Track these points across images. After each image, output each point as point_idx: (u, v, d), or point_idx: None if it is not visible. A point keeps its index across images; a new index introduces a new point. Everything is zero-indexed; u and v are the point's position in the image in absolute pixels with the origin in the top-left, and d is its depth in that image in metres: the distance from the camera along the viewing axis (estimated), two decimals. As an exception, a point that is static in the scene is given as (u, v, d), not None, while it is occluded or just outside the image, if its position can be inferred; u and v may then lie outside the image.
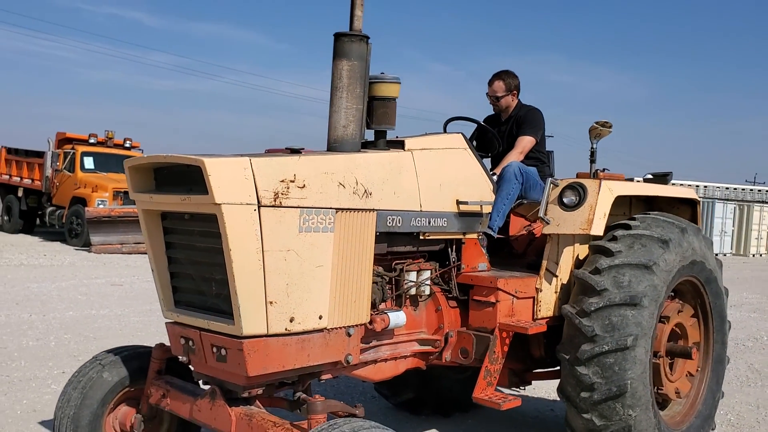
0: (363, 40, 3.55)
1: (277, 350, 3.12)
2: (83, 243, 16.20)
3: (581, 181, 4.24)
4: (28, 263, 13.32)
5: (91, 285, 10.98)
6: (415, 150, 3.81)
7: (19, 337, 7.18)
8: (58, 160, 17.98)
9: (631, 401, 3.96)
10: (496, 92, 4.94)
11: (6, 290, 9.98)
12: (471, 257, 4.20)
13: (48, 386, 5.56)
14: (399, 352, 3.93)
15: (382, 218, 3.55)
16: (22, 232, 19.68)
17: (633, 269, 4.07)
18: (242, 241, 2.96)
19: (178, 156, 3.10)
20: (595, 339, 3.95)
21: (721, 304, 4.85)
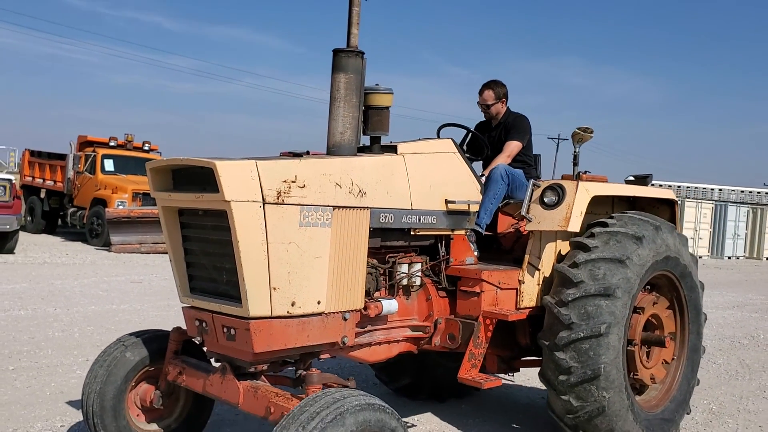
0: (359, 56, 3.96)
1: (279, 330, 3.53)
2: (103, 243, 16.69)
3: (560, 183, 4.63)
4: (51, 261, 13.85)
5: (112, 282, 11.47)
6: (406, 154, 4.21)
7: (45, 329, 7.64)
8: (79, 162, 18.48)
9: (604, 384, 4.33)
10: (487, 101, 5.34)
11: (31, 286, 10.48)
12: (459, 251, 4.60)
13: (73, 372, 6.00)
14: (392, 336, 4.33)
15: (375, 215, 3.96)
16: (44, 233, 20.21)
17: (608, 263, 4.45)
18: (249, 234, 3.38)
19: (193, 159, 3.52)
20: (572, 326, 4.33)
21: (696, 297, 5.20)
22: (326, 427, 2.94)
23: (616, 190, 4.98)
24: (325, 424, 2.95)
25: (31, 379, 5.74)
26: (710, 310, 13.16)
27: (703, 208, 32.20)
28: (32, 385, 5.60)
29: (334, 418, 2.98)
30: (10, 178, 14.71)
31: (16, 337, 7.17)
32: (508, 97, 5.39)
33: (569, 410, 4.43)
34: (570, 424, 4.49)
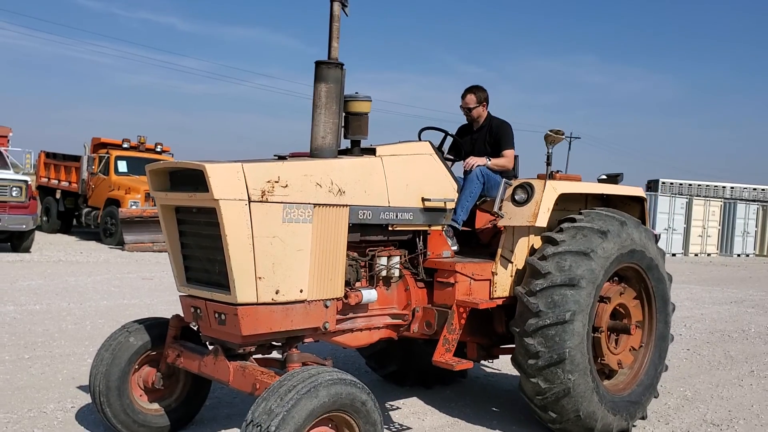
0: (338, 67, 4.34)
1: (265, 316, 3.92)
2: (117, 242, 17.18)
3: (530, 181, 4.99)
4: (66, 260, 14.34)
5: (124, 279, 11.93)
6: (384, 156, 4.59)
7: (59, 322, 8.08)
8: (93, 163, 18.97)
9: (570, 367, 4.69)
10: (469, 104, 5.70)
11: (47, 283, 10.95)
12: (436, 245, 4.97)
13: (84, 360, 6.42)
14: (373, 323, 4.71)
15: (354, 212, 4.34)
16: (59, 232, 20.75)
17: (573, 256, 4.80)
18: (236, 229, 3.76)
19: (186, 162, 3.92)
20: (540, 314, 4.69)
21: (663, 288, 5.54)
22: (301, 398, 3.33)
23: (582, 188, 5.32)
24: (300, 395, 3.34)
25: (45, 367, 6.16)
26: (707, 305, 13.46)
27: (712, 206, 32.30)
28: (46, 371, 6.02)
29: (309, 391, 3.37)
30: (26, 179, 15.21)
31: (31, 329, 7.61)
32: (488, 102, 5.75)
33: (538, 392, 4.79)
34: (539, 404, 4.85)
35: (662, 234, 29.04)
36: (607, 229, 4.95)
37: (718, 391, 6.73)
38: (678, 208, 30.34)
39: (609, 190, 5.54)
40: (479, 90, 5.73)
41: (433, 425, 5.22)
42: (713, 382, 7.09)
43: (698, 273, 21.77)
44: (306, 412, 3.34)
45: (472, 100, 5.70)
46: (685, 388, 6.75)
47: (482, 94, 5.71)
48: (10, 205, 14.25)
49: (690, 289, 16.40)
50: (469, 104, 5.70)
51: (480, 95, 5.71)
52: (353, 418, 3.57)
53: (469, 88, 5.77)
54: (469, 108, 5.71)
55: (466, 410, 5.62)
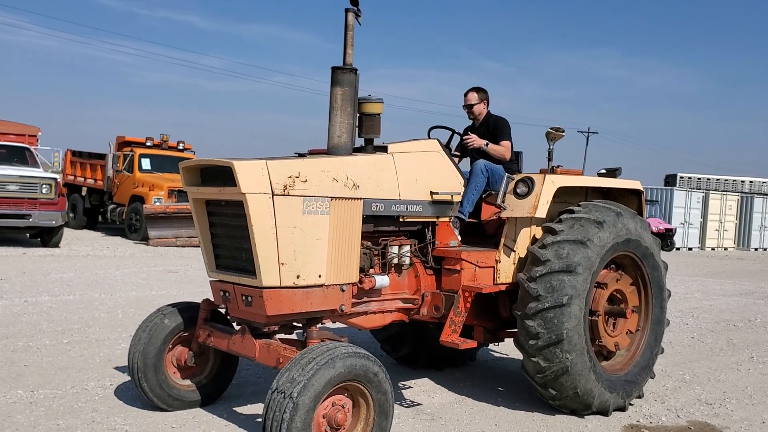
0: (353, 72, 4.76)
1: (287, 298, 4.35)
2: (142, 237, 17.73)
3: (530, 176, 5.38)
4: (93, 254, 14.90)
5: (150, 272, 12.44)
6: (395, 153, 5.00)
7: (92, 311, 8.58)
8: (118, 161, 19.51)
9: (567, 347, 5.07)
10: (470, 101, 6.11)
11: (77, 275, 11.49)
12: (444, 235, 5.37)
13: (119, 345, 6.90)
14: (385, 307, 5.12)
15: (367, 204, 4.75)
16: (86, 228, 21.34)
17: (571, 244, 5.19)
18: (261, 220, 4.19)
19: (216, 160, 4.36)
20: (539, 298, 5.08)
21: (658, 275, 5.90)
22: (320, 368, 3.76)
23: (580, 182, 5.69)
24: (319, 366, 3.77)
25: (83, 350, 6.65)
26: (716, 297, 13.74)
27: (728, 200, 32.39)
28: (84, 354, 6.51)
29: (327, 362, 3.80)
30: (55, 177, 15.79)
31: (67, 317, 8.11)
32: (489, 101, 6.16)
33: (538, 370, 5.18)
34: (540, 382, 5.24)
35: (678, 228, 29.20)
36: (603, 220, 5.32)
37: (715, 375, 7.08)
38: (694, 203, 30.49)
39: (605, 183, 5.91)
40: (480, 90, 6.15)
41: (442, 402, 5.63)
42: (712, 367, 7.43)
43: (712, 266, 21.98)
44: (324, 381, 3.76)
45: (474, 98, 6.11)
46: (684, 372, 7.11)
47: (482, 94, 6.12)
48: (40, 201, 14.82)
49: (702, 282, 16.67)
50: (470, 101, 6.11)
51: (480, 94, 6.12)
52: (366, 388, 3.99)
53: (471, 88, 6.19)
54: (471, 105, 6.12)
55: (473, 389, 6.02)
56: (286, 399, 3.69)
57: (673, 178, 46.05)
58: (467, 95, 6.13)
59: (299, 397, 3.68)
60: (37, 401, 5.07)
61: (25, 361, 6.11)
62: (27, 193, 14.71)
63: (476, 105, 6.12)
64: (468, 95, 6.12)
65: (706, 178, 48.67)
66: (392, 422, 4.16)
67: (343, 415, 3.95)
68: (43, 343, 6.82)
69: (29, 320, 7.79)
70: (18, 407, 4.92)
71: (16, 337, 6.98)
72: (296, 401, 3.67)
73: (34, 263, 12.75)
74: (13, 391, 5.26)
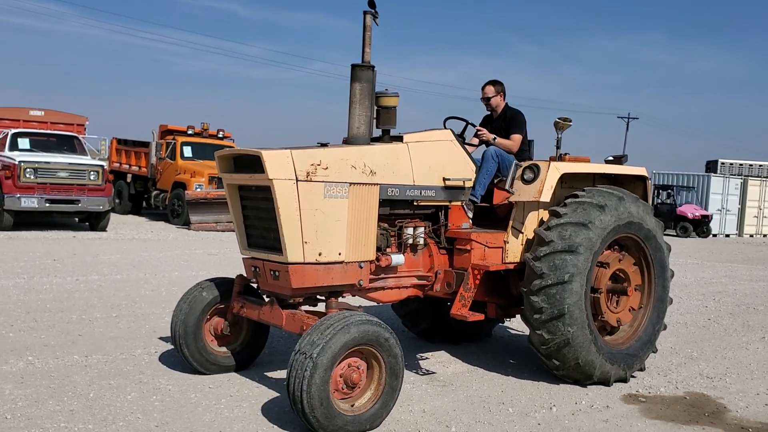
0: (371, 69, 5.23)
1: (310, 273, 4.87)
2: (183, 222, 18.47)
3: (536, 163, 5.81)
4: (138, 238, 15.68)
5: (192, 254, 13.13)
6: (410, 142, 5.47)
7: (138, 289, 9.25)
8: (161, 149, 20.25)
9: (569, 321, 5.51)
10: (487, 94, 6.54)
11: (124, 257, 12.22)
12: (456, 218, 5.83)
13: (162, 319, 7.51)
14: (401, 283, 5.61)
15: (384, 190, 5.23)
16: (131, 213, 22.24)
17: (573, 226, 5.60)
18: (286, 203, 4.71)
19: (247, 149, 4.89)
20: (543, 276, 5.52)
21: (661, 256, 6.28)
22: (337, 333, 4.27)
23: (583, 168, 6.08)
24: (336, 330, 4.28)
25: (131, 323, 7.29)
26: (743, 282, 13.94)
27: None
28: (131, 326, 7.14)
29: (343, 327, 4.31)
30: (102, 164, 16.60)
31: (115, 294, 8.78)
32: (505, 93, 6.58)
33: (543, 342, 5.63)
34: (544, 353, 5.69)
35: (715, 215, 29.06)
36: (605, 204, 5.73)
37: (722, 353, 7.41)
38: (732, 189, 30.25)
39: (608, 169, 6.29)
40: (497, 83, 6.55)
41: (455, 371, 6.11)
42: (721, 346, 7.76)
43: (746, 253, 21.97)
44: (340, 344, 4.27)
45: (491, 91, 6.53)
46: (692, 350, 7.46)
47: (499, 87, 6.53)
48: (88, 188, 15.64)
49: (731, 267, 16.80)
50: (487, 94, 6.54)
51: (497, 87, 6.53)
52: (378, 351, 4.49)
53: (488, 81, 6.60)
54: (488, 98, 6.54)
55: (486, 361, 6.49)
56: (307, 359, 4.21)
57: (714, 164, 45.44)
58: (484, 88, 6.55)
59: (318, 357, 4.20)
60: (91, 364, 5.70)
61: (79, 331, 6.77)
62: (76, 180, 15.53)
63: (493, 98, 6.54)
64: (485, 89, 6.55)
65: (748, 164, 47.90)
66: (402, 382, 4.66)
67: (357, 375, 4.46)
68: (95, 316, 7.48)
69: (81, 296, 8.47)
70: (74, 369, 5.55)
71: (71, 310, 7.66)
72: (316, 361, 4.19)
73: (83, 246, 13.54)
74: (70, 356, 5.89)
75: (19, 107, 20.09)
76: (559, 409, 5.22)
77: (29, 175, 15.00)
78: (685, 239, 26.68)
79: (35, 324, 6.97)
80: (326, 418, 4.23)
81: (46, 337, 6.50)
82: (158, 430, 4.38)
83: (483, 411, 5.08)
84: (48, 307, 7.78)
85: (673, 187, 28.93)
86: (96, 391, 5.05)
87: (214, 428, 4.45)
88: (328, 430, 4.27)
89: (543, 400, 5.42)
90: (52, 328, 6.83)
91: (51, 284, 9.17)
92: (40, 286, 8.96)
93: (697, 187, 29.77)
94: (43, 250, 12.44)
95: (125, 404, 4.81)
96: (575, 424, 4.93)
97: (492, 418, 4.94)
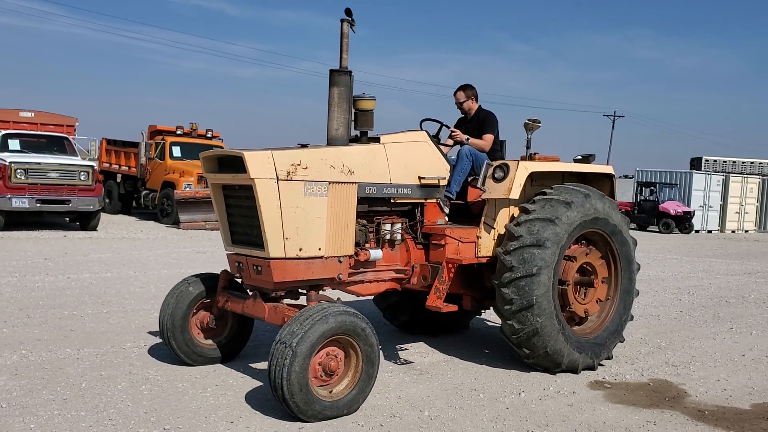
0: (348, 74, 5.52)
1: (291, 267, 5.15)
2: (173, 221, 18.70)
3: (506, 162, 6.12)
4: (128, 237, 15.91)
5: (180, 253, 13.38)
6: (387, 143, 5.75)
7: (128, 286, 9.50)
8: (150, 149, 20.46)
9: (538, 311, 5.81)
10: (460, 99, 6.86)
11: (114, 255, 12.46)
12: (431, 215, 6.13)
13: (151, 315, 7.77)
14: (379, 276, 5.91)
15: (361, 188, 5.52)
16: (121, 213, 22.43)
17: (541, 222, 5.91)
18: (268, 201, 4.98)
19: (230, 150, 5.17)
20: (513, 269, 5.82)
21: (627, 250, 6.59)
22: (315, 323, 4.56)
23: (550, 167, 6.38)
24: (314, 321, 4.56)
25: (120, 318, 7.55)
26: (719, 276, 14.30)
27: (749, 183, 32.53)
28: (121, 321, 7.40)
29: (321, 318, 4.59)
30: (92, 164, 16.81)
31: (105, 291, 9.03)
32: (477, 97, 6.89)
33: (513, 332, 5.93)
34: (515, 342, 5.99)
35: (697, 211, 29.51)
36: (571, 200, 6.03)
37: (690, 343, 7.74)
38: (714, 186, 30.73)
39: (575, 168, 6.60)
40: (469, 88, 6.90)
41: (432, 361, 6.41)
42: (690, 336, 8.09)
43: (726, 248, 22.40)
44: (318, 334, 4.56)
45: (462, 96, 6.87)
46: (661, 340, 7.78)
47: (470, 91, 6.87)
48: (78, 188, 15.86)
49: (710, 262, 17.19)
50: (459, 99, 6.87)
51: (468, 92, 6.87)
52: (355, 341, 4.78)
53: (461, 86, 6.95)
54: (460, 102, 6.87)
55: (462, 351, 6.79)
56: (287, 348, 4.49)
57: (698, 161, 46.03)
58: (456, 94, 6.88)
59: (297, 346, 4.48)
60: (82, 357, 5.96)
61: (71, 327, 7.03)
62: (66, 180, 15.75)
63: (465, 102, 6.87)
64: (457, 94, 6.88)
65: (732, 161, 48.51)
66: (378, 370, 4.95)
67: (335, 363, 4.75)
68: (86, 312, 7.74)
69: (73, 294, 8.72)
70: (67, 361, 5.81)
71: (63, 307, 7.91)
72: (295, 350, 4.47)
73: (74, 245, 13.76)
74: (63, 350, 6.16)
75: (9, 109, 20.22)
76: (528, 394, 5.53)
77: (20, 176, 15.21)
78: (668, 235, 27.11)
79: (28, 320, 7.22)
80: (305, 404, 4.52)
81: (39, 332, 6.75)
82: (147, 416, 4.65)
83: (455, 397, 5.38)
84: (40, 303, 8.04)
85: (655, 184, 29.35)
86: (88, 381, 5.31)
87: (200, 414, 4.73)
88: (308, 414, 4.56)
89: (513, 386, 5.73)
90: (45, 324, 7.08)
91: (43, 282, 9.41)
92: (32, 284, 9.20)
93: (680, 184, 30.23)
94: (35, 250, 12.67)
95: (116, 393, 5.08)
96: (541, 408, 5.23)
97: (463, 403, 5.23)
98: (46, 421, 4.49)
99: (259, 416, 4.76)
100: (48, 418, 4.53)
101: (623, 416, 5.15)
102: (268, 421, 4.66)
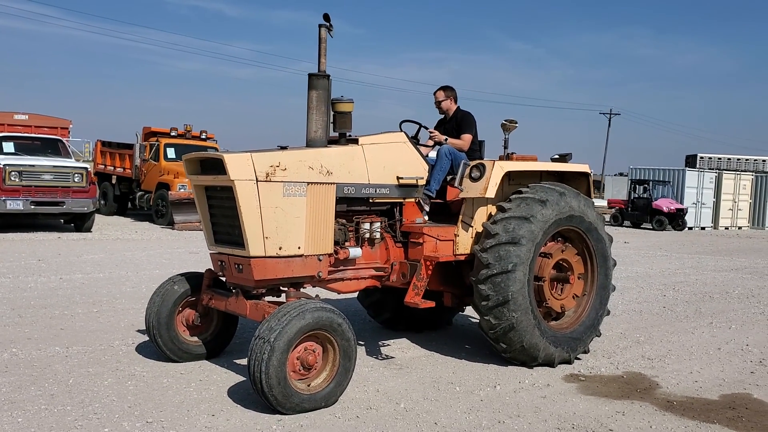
0: (326, 77, 5.68)
1: (272, 266, 5.31)
2: (168, 222, 18.87)
3: (482, 162, 6.28)
4: (123, 238, 16.07)
5: (174, 253, 13.54)
6: (365, 144, 5.92)
7: (119, 286, 9.66)
8: (144, 151, 20.62)
9: (513, 307, 5.98)
10: (438, 98, 7.03)
11: (107, 256, 12.62)
12: (410, 214, 6.30)
13: (141, 313, 7.87)
14: (359, 274, 6.07)
15: (340, 188, 5.68)
16: (116, 214, 22.58)
17: (517, 220, 6.08)
18: (248, 202, 5.15)
19: (211, 153, 5.33)
20: (489, 266, 5.99)
21: (602, 247, 6.76)
22: (292, 319, 4.72)
23: (526, 167, 6.54)
24: (292, 317, 4.73)
25: (110, 317, 7.71)
26: (707, 272, 14.46)
27: (743, 180, 32.73)
28: (111, 321, 7.56)
29: (298, 314, 4.76)
30: (86, 166, 16.96)
31: (97, 291, 9.19)
32: (456, 97, 7.06)
33: (490, 327, 6.10)
34: (492, 337, 6.16)
35: (690, 208, 29.70)
36: (546, 199, 6.20)
37: (668, 337, 7.91)
38: (707, 183, 30.92)
39: (550, 167, 6.77)
40: (448, 89, 7.06)
41: (413, 356, 6.58)
42: (669, 331, 8.26)
43: (717, 245, 22.58)
44: (296, 329, 4.72)
45: (441, 95, 7.03)
46: (640, 335, 7.95)
47: (449, 92, 7.04)
48: (73, 189, 16.03)
49: (699, 259, 17.36)
50: (438, 98, 7.04)
51: (447, 92, 7.04)
52: (332, 336, 4.94)
53: (440, 87, 7.10)
54: (439, 101, 7.04)
55: (443, 347, 6.96)
56: (265, 343, 4.66)
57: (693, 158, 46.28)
58: (436, 94, 7.05)
59: (275, 341, 4.64)
60: (71, 355, 6.12)
61: (61, 325, 7.19)
62: (60, 182, 15.91)
63: (443, 101, 7.03)
64: (436, 93, 7.05)
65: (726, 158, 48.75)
66: (355, 364, 5.11)
67: (313, 358, 4.92)
68: (76, 312, 7.90)
69: (64, 294, 8.89)
70: (56, 359, 5.98)
71: (53, 307, 8.08)
72: (273, 345, 4.63)
73: (68, 246, 13.92)
74: (52, 348, 6.32)
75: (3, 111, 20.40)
76: (503, 387, 5.70)
77: (14, 178, 15.37)
78: (661, 232, 27.30)
79: (20, 319, 7.38)
80: (284, 397, 4.69)
81: (29, 331, 6.92)
82: (131, 410, 4.81)
83: (432, 390, 5.55)
84: (32, 303, 8.20)
85: (649, 181, 29.55)
86: (75, 378, 5.48)
87: (183, 408, 4.89)
88: (286, 407, 4.73)
89: (489, 379, 5.90)
90: (36, 323, 7.25)
91: (36, 283, 9.57)
92: (25, 285, 9.37)
93: (673, 182, 30.42)
94: (29, 251, 12.83)
95: (102, 389, 5.24)
96: (515, 400, 5.40)
97: (439, 396, 5.40)
98: (33, 415, 4.65)
99: (240, 409, 4.92)
100: (35, 413, 4.69)
101: (594, 407, 5.32)
102: (249, 414, 4.82)
